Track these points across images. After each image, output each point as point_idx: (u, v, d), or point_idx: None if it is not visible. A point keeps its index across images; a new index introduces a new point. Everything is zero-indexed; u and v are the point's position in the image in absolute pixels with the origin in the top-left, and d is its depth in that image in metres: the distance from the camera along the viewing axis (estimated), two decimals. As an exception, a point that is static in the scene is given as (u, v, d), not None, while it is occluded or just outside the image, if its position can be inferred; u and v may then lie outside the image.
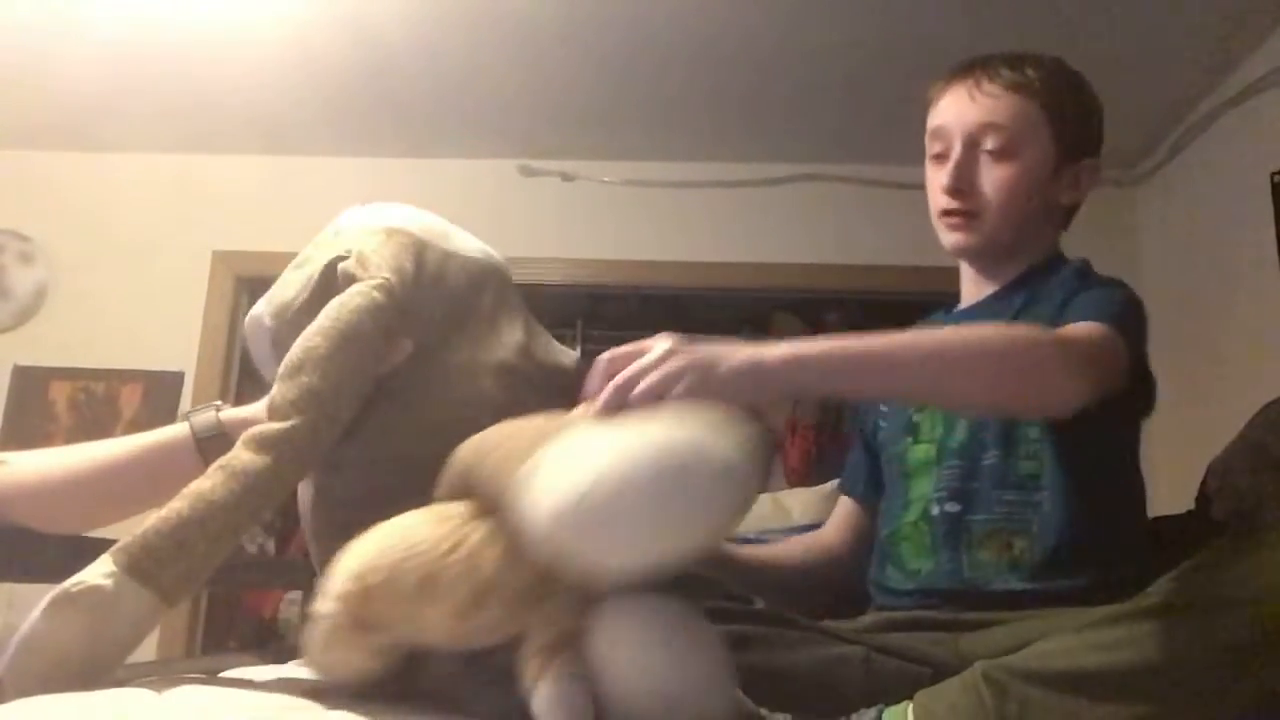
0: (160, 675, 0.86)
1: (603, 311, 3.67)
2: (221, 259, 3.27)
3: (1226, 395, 2.43)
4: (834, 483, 2.95)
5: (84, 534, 0.95)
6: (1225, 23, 2.39)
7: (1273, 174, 2.39)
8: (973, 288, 1.25)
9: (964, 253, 1.20)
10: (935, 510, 1.10)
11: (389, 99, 2.91)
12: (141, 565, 0.73)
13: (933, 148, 1.20)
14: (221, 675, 0.93)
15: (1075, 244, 1.25)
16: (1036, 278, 1.18)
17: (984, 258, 1.20)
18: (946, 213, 1.17)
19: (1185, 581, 0.77)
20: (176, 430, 0.92)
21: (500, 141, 3.11)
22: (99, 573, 0.72)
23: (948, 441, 1.12)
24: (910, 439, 1.18)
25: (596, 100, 2.89)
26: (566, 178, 3.14)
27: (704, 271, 3.23)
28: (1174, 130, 2.88)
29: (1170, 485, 1.53)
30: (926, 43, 2.54)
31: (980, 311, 1.20)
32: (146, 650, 2.87)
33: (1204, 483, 1.37)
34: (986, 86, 1.15)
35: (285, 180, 3.28)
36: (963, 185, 1.14)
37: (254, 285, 3.23)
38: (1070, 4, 2.33)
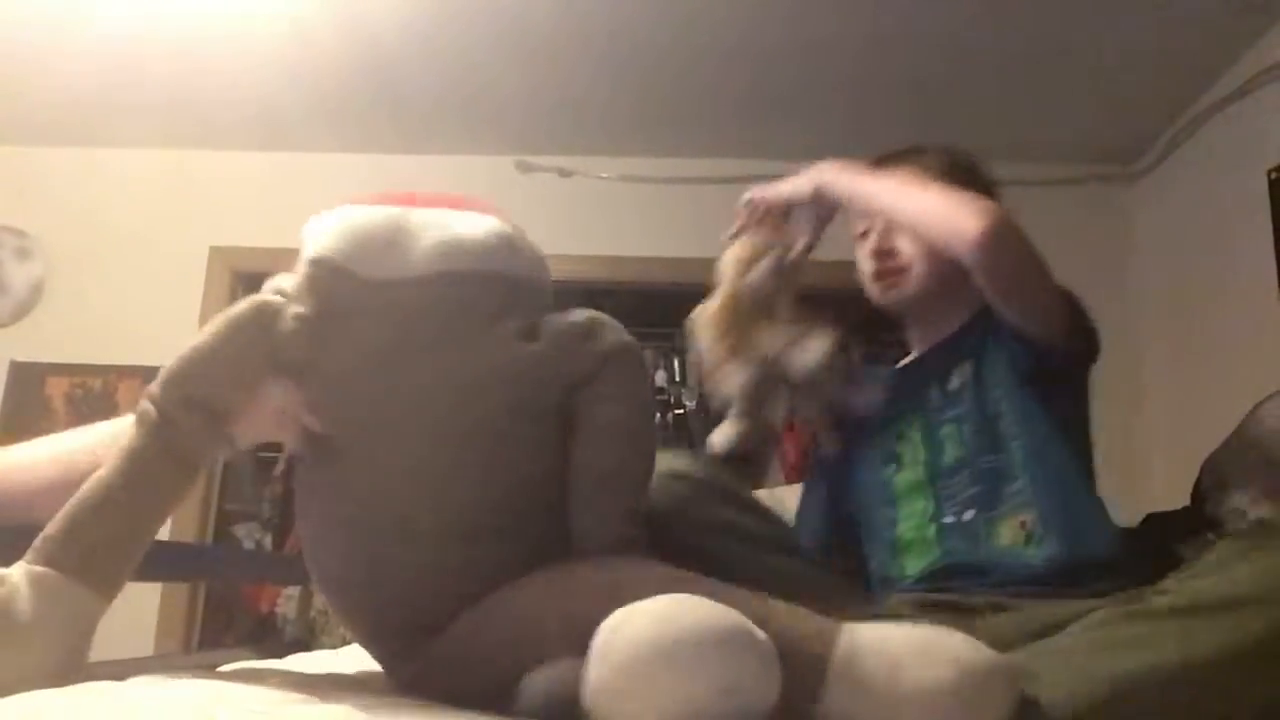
0: (158, 670, 0.86)
1: (600, 307, 3.65)
2: (219, 254, 3.27)
3: (1223, 392, 2.43)
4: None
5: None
6: (1221, 20, 2.39)
7: (1269, 171, 2.39)
8: (922, 338, 1.38)
9: (902, 304, 1.35)
10: (950, 520, 1.21)
11: (386, 95, 2.91)
12: (43, 549, 0.75)
13: (858, 229, 1.40)
14: (219, 670, 0.94)
15: (1071, 241, 1.26)
16: (989, 321, 1.25)
17: (922, 308, 1.35)
18: (878, 276, 1.35)
19: (1199, 582, 0.79)
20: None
21: (497, 137, 3.11)
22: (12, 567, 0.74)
23: (938, 461, 1.25)
24: (894, 466, 1.30)
25: (594, 96, 2.89)
26: (564, 173, 3.14)
27: (702, 267, 3.20)
28: (1169, 127, 2.89)
29: (1167, 481, 1.54)
30: (927, 38, 2.54)
31: (934, 358, 1.33)
32: (144, 645, 2.88)
33: (1199, 479, 1.38)
34: (887, 166, 1.39)
35: (282, 175, 3.28)
36: (886, 246, 1.34)
37: (251, 280, 3.23)
38: (1068, 2, 2.33)
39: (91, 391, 3.17)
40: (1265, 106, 2.46)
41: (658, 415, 3.39)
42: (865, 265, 1.38)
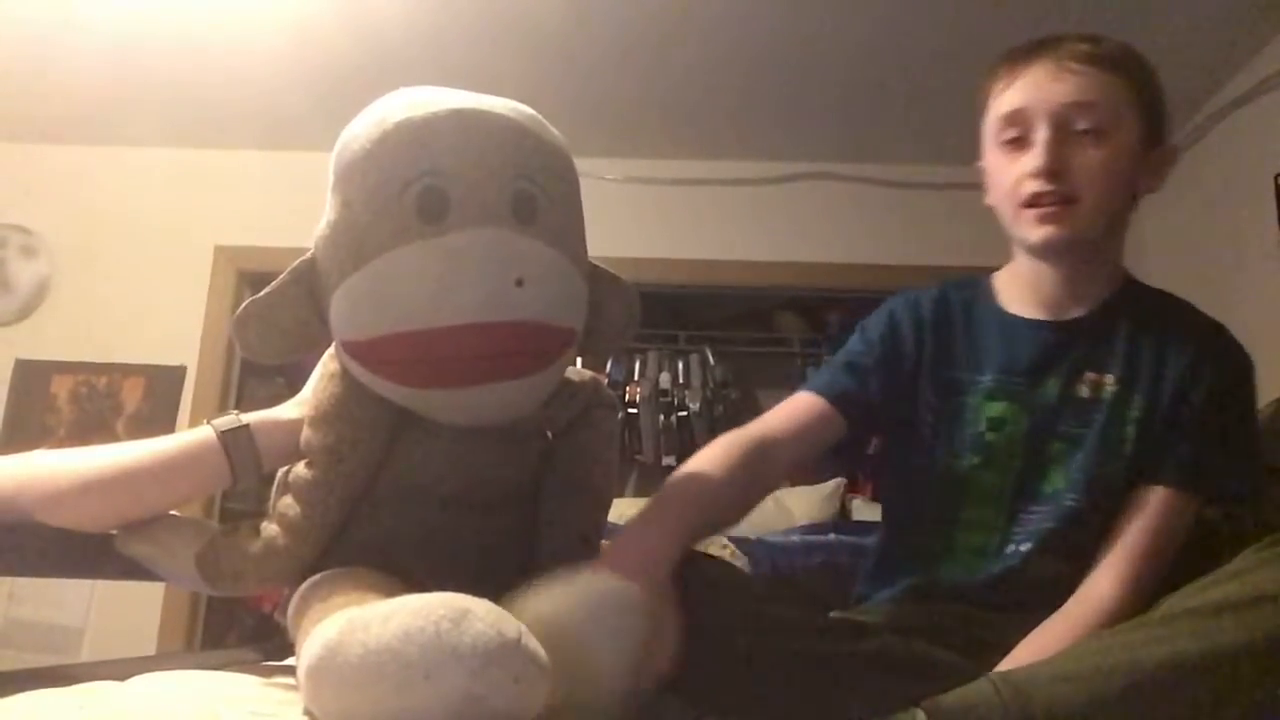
0: (160, 669, 0.86)
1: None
2: (223, 253, 3.27)
3: (1228, 397, 2.42)
4: (835, 481, 2.99)
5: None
6: (1229, 24, 2.39)
7: (1276, 175, 2.39)
8: (1046, 294, 1.12)
9: (1055, 247, 1.06)
10: (1010, 549, 1.05)
11: (392, 95, 2.91)
12: None
13: (1005, 133, 1.07)
14: (222, 669, 0.93)
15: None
16: (1135, 303, 1.13)
17: (1072, 255, 1.09)
18: (1037, 200, 1.04)
19: (1221, 587, 0.77)
20: (200, 434, 0.91)
21: (503, 138, 3.11)
22: None
23: (1035, 485, 1.06)
24: (977, 459, 1.08)
25: (599, 97, 2.89)
26: (569, 175, 3.15)
27: (706, 269, 3.22)
28: (1177, 131, 2.88)
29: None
30: (930, 42, 2.54)
31: (1064, 340, 1.10)
32: (147, 644, 2.88)
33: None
34: (1071, 63, 1.06)
35: (287, 175, 3.27)
36: (1058, 167, 1.02)
37: (256, 280, 3.23)
38: (1074, 5, 2.33)
39: (96, 389, 3.17)
40: (1273, 111, 2.45)
41: (662, 417, 3.39)
42: (1018, 187, 1.05)
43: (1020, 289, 1.14)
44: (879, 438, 1.21)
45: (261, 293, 0.90)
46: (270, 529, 0.88)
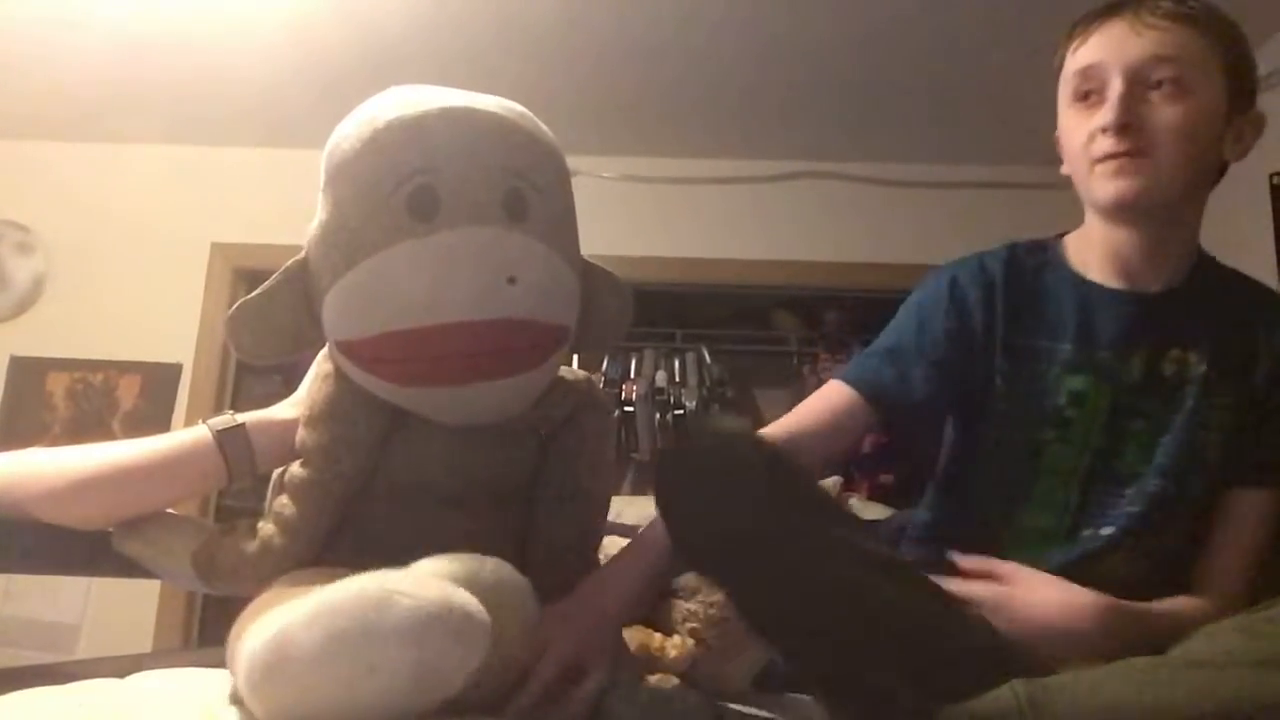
0: (160, 666, 0.86)
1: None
2: (220, 251, 3.26)
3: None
4: (832, 480, 2.98)
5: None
6: (1225, 24, 2.39)
7: (1271, 175, 2.39)
8: (1122, 260, 1.06)
9: (1128, 203, 1.00)
10: (1088, 532, 1.03)
11: (389, 92, 2.91)
12: None
13: (1078, 89, 1.04)
14: (220, 667, 0.94)
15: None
16: (1215, 280, 1.10)
17: (1147, 217, 1.03)
18: (1110, 157, 0.99)
19: (1254, 636, 0.75)
20: (196, 433, 0.91)
21: (500, 136, 3.10)
22: None
23: (1110, 463, 1.03)
24: (1055, 433, 1.04)
25: (595, 95, 2.89)
26: (566, 173, 3.15)
27: (703, 268, 3.22)
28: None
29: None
30: (928, 39, 2.54)
31: (1148, 313, 1.05)
32: (143, 641, 2.87)
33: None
34: (1150, 19, 1.01)
35: (284, 172, 3.25)
36: (1131, 120, 0.98)
37: (252, 277, 3.22)
38: (1075, 6, 2.33)
39: (92, 387, 3.17)
40: (1269, 111, 2.45)
41: (658, 415, 3.39)
42: (1090, 145, 1.01)
43: (1095, 255, 1.09)
44: (930, 415, 1.16)
45: (254, 293, 0.89)
46: (266, 528, 0.88)
